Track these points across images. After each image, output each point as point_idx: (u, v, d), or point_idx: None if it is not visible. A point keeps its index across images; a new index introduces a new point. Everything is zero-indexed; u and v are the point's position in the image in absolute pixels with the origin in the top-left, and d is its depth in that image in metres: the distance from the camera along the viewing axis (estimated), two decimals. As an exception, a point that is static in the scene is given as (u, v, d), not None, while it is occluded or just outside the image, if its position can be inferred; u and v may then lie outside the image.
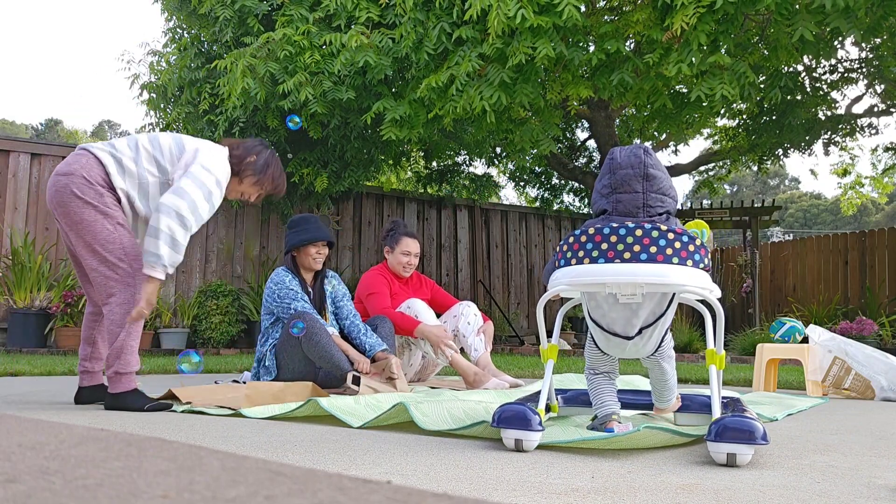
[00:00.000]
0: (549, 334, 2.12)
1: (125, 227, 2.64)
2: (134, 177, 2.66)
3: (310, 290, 3.66)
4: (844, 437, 2.18)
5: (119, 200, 2.65)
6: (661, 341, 2.05)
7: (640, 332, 1.98)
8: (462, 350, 4.02)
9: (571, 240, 1.97)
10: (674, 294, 1.96)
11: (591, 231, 1.91)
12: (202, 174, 2.63)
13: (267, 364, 3.49)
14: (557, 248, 2.03)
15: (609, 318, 1.99)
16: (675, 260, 1.85)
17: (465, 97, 5.36)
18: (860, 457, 1.80)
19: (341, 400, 2.56)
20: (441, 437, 2.04)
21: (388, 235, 4.21)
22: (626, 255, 1.86)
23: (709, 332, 1.99)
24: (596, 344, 2.11)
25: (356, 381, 3.20)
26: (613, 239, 1.88)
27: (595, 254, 1.90)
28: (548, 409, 2.32)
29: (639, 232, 1.86)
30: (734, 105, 8.32)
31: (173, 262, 2.56)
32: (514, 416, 1.81)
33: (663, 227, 1.86)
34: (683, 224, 2.14)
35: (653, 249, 1.85)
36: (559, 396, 2.50)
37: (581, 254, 1.93)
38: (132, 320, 2.57)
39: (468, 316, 4.03)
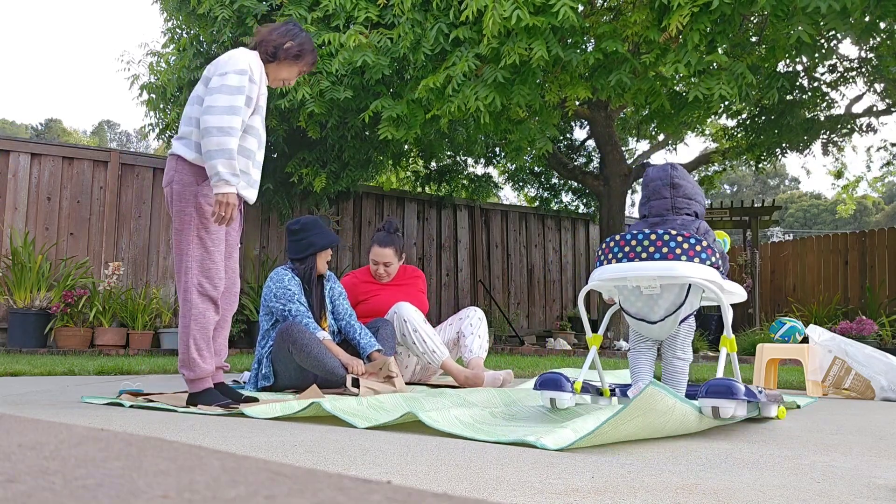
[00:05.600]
0: (595, 327, 2.64)
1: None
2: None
3: (307, 287, 3.65)
4: (844, 437, 2.18)
5: None
6: (679, 327, 2.49)
7: (663, 319, 2.45)
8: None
9: (603, 246, 2.52)
10: (689, 289, 2.40)
11: (618, 237, 2.46)
12: (219, 80, 2.73)
13: (264, 371, 3.49)
14: (598, 252, 2.58)
15: (636, 306, 2.50)
16: (683, 258, 2.33)
17: (460, 97, 5.36)
18: (860, 457, 1.80)
19: (344, 401, 2.56)
20: (441, 437, 2.04)
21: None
22: (644, 256, 2.38)
23: (726, 321, 2.39)
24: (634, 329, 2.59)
25: (356, 383, 3.20)
26: (633, 243, 2.41)
27: (620, 255, 2.44)
28: (600, 392, 2.65)
29: (653, 237, 2.37)
30: (732, 105, 8.32)
31: (231, 169, 2.65)
32: (550, 380, 2.37)
33: (673, 232, 2.36)
34: None
35: (664, 249, 2.35)
36: (618, 390, 2.68)
37: (610, 256, 2.47)
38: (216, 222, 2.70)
39: (472, 318, 4.14)
